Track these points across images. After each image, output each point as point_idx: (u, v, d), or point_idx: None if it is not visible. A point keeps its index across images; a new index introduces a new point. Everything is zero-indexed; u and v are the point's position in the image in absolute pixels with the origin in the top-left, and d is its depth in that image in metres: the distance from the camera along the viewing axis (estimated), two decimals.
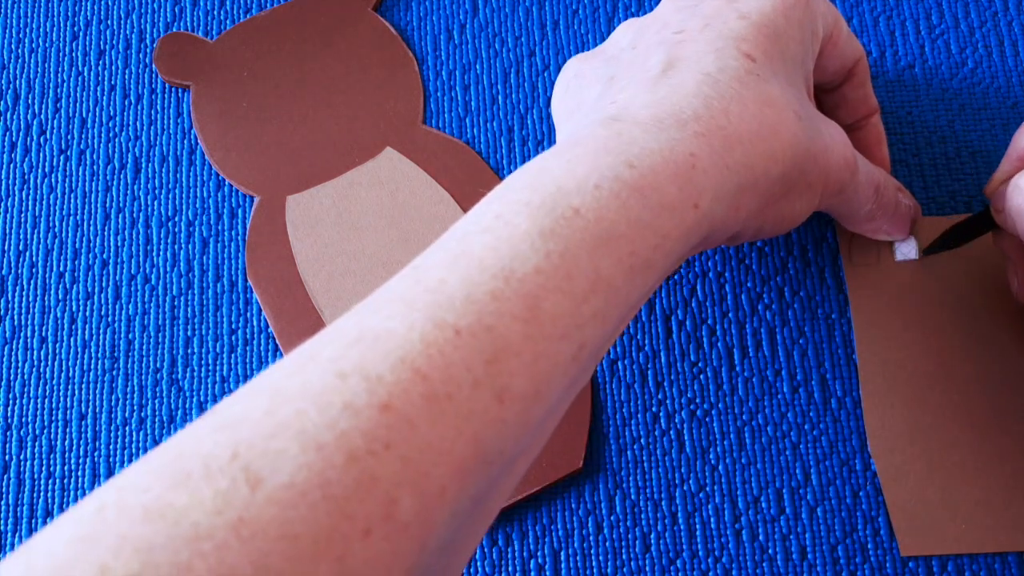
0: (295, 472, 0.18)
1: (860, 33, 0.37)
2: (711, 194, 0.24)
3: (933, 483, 0.31)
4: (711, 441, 0.33)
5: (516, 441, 0.20)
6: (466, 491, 0.19)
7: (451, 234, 0.22)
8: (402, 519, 0.18)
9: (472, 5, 0.39)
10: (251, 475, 0.17)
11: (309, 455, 0.18)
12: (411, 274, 0.21)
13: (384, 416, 0.18)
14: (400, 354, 0.19)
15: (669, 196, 0.23)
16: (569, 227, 0.21)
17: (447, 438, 0.19)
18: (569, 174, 0.22)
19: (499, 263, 0.21)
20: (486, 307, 0.20)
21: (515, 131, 0.37)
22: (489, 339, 0.20)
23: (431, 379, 0.19)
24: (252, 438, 0.18)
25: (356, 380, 0.19)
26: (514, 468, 0.22)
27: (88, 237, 0.36)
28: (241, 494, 0.17)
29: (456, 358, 0.19)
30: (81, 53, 0.39)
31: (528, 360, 0.20)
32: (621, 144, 0.23)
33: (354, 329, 0.20)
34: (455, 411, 0.19)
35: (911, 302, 0.33)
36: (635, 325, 0.34)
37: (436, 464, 0.19)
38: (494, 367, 0.20)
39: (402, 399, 0.19)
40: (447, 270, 0.21)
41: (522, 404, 0.20)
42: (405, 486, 0.18)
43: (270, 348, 0.35)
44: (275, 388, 0.19)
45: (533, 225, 0.21)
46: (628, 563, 0.32)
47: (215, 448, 0.18)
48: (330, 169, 0.37)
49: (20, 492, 0.33)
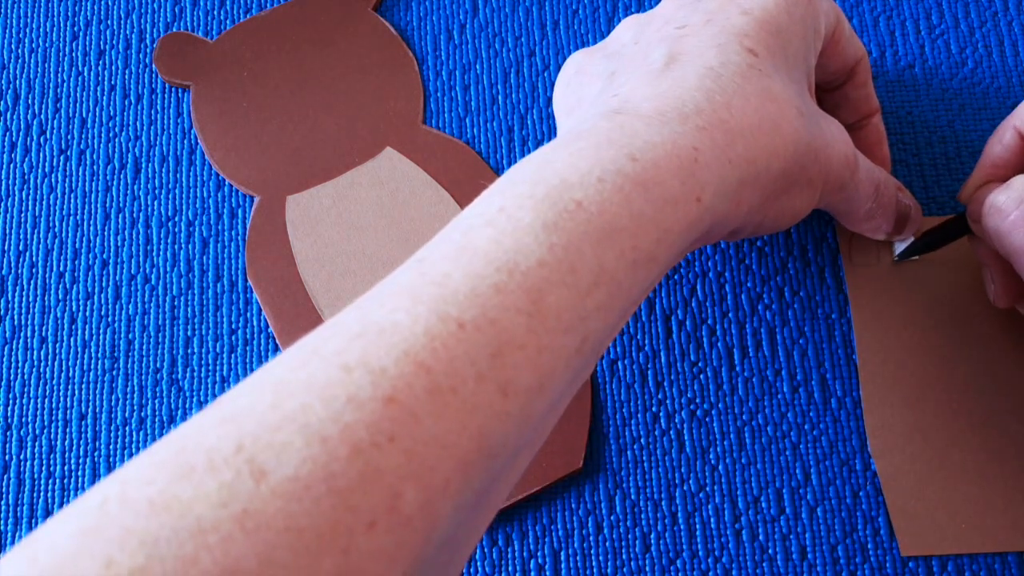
0: (300, 465, 0.18)
1: (860, 33, 0.37)
2: (713, 188, 0.24)
3: (933, 483, 0.31)
4: (711, 441, 0.33)
5: (519, 434, 0.20)
6: (470, 484, 0.19)
7: (455, 226, 0.22)
8: (406, 512, 0.18)
9: (472, 5, 0.39)
10: (256, 468, 0.17)
11: (314, 448, 0.18)
12: (415, 267, 0.21)
13: (388, 409, 0.18)
14: (404, 347, 0.19)
15: (672, 190, 0.23)
16: (572, 220, 0.21)
17: (451, 431, 0.19)
18: (572, 167, 0.22)
19: (503, 257, 0.21)
20: (490, 300, 0.20)
21: (515, 131, 0.37)
22: (493, 332, 0.20)
23: (435, 372, 0.19)
24: (257, 431, 0.18)
25: (360, 373, 0.19)
26: (517, 462, 0.22)
27: (88, 237, 0.36)
28: (246, 487, 0.17)
29: (460, 352, 0.19)
30: (81, 53, 0.39)
31: (532, 353, 0.20)
32: (624, 137, 0.23)
33: (358, 322, 0.20)
34: (459, 405, 0.19)
35: (911, 302, 0.33)
36: (635, 325, 0.34)
37: (440, 457, 0.19)
38: (498, 360, 0.20)
39: (406, 392, 0.19)
40: (451, 263, 0.21)
41: (526, 397, 0.20)
42: (409, 479, 0.18)
43: (270, 348, 0.35)
44: (280, 381, 0.19)
45: (536, 218, 0.21)
46: (628, 563, 0.32)
47: (220, 441, 0.18)
48: (330, 169, 0.37)
49: (20, 492, 0.33)
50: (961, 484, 0.31)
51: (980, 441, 0.32)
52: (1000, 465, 0.31)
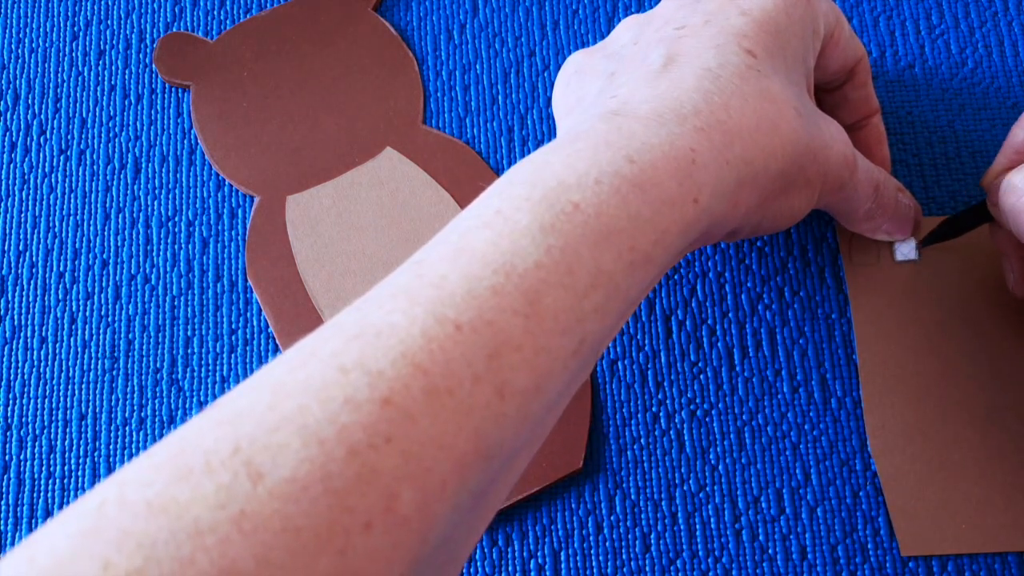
0: (297, 466, 0.18)
1: (860, 33, 0.37)
2: (710, 189, 0.24)
3: (933, 483, 0.31)
4: (711, 441, 0.33)
5: (516, 435, 0.20)
6: (467, 485, 0.19)
7: (453, 228, 0.22)
8: (403, 512, 0.18)
9: (472, 5, 0.39)
10: (253, 469, 0.18)
11: (311, 449, 0.18)
12: (413, 269, 0.21)
13: (385, 410, 0.19)
14: (401, 349, 0.19)
15: (669, 191, 0.23)
16: (570, 222, 0.21)
17: (448, 432, 0.19)
18: (569, 168, 0.23)
19: (500, 258, 0.21)
20: (487, 302, 0.20)
21: (515, 131, 0.37)
22: (490, 334, 0.20)
23: (432, 374, 0.19)
24: (254, 432, 0.18)
25: (357, 375, 0.19)
26: (515, 463, 0.22)
27: (88, 237, 0.36)
28: (243, 488, 0.17)
29: (457, 353, 0.19)
30: (81, 53, 0.39)
31: (529, 355, 0.20)
32: (621, 139, 0.23)
33: (356, 324, 0.20)
34: (456, 406, 0.19)
35: (911, 302, 0.33)
36: (635, 325, 0.34)
37: (437, 458, 0.19)
38: (495, 362, 0.20)
39: (403, 394, 0.19)
40: (449, 265, 0.21)
41: (523, 398, 0.20)
42: (406, 480, 0.18)
43: (270, 348, 0.35)
44: (277, 383, 0.19)
45: (533, 220, 0.21)
46: (628, 563, 0.32)
47: (217, 443, 0.18)
48: (330, 169, 0.37)
49: (20, 492, 0.33)
50: (961, 484, 0.31)
51: (980, 441, 0.32)
52: (1000, 465, 0.31)
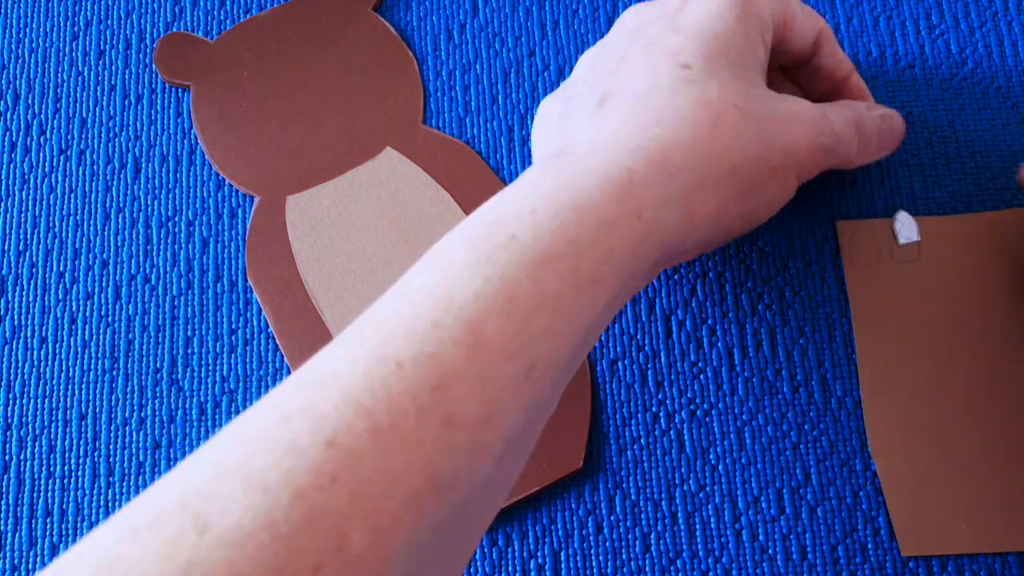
0: (242, 514, 0.18)
1: (860, 33, 0.37)
2: (653, 203, 0.24)
3: (933, 483, 0.31)
4: (711, 441, 0.33)
5: (472, 467, 0.20)
6: (424, 520, 0.19)
7: (404, 277, 0.23)
8: (355, 552, 0.18)
9: (472, 5, 0.39)
10: (199, 521, 0.18)
11: (254, 496, 0.18)
12: (364, 317, 0.22)
13: (329, 451, 0.19)
14: (343, 393, 0.20)
15: (608, 211, 0.23)
16: (505, 251, 0.22)
17: (394, 468, 0.19)
18: (507, 205, 0.24)
19: (438, 293, 0.22)
20: (428, 336, 0.21)
21: (515, 131, 0.37)
22: (433, 366, 0.20)
23: (375, 412, 0.20)
24: (199, 485, 0.19)
25: (300, 420, 0.20)
26: (486, 499, 0.22)
27: (88, 237, 0.36)
28: (189, 540, 0.18)
29: (400, 388, 0.20)
30: (81, 53, 0.39)
31: (475, 384, 0.20)
32: (559, 172, 0.24)
33: (302, 376, 0.21)
34: (402, 440, 0.19)
35: (911, 302, 0.33)
36: (635, 325, 0.34)
37: (387, 495, 0.19)
38: (440, 393, 0.20)
39: (346, 433, 0.19)
40: (391, 309, 0.22)
41: (474, 428, 0.20)
42: (355, 519, 0.18)
43: (270, 348, 0.35)
44: (229, 436, 0.20)
45: (471, 255, 0.22)
46: (628, 563, 0.32)
47: (166, 499, 0.19)
48: (330, 169, 0.37)
49: (20, 492, 0.33)
50: (961, 484, 0.31)
51: (980, 441, 0.32)
52: (1000, 465, 0.31)
